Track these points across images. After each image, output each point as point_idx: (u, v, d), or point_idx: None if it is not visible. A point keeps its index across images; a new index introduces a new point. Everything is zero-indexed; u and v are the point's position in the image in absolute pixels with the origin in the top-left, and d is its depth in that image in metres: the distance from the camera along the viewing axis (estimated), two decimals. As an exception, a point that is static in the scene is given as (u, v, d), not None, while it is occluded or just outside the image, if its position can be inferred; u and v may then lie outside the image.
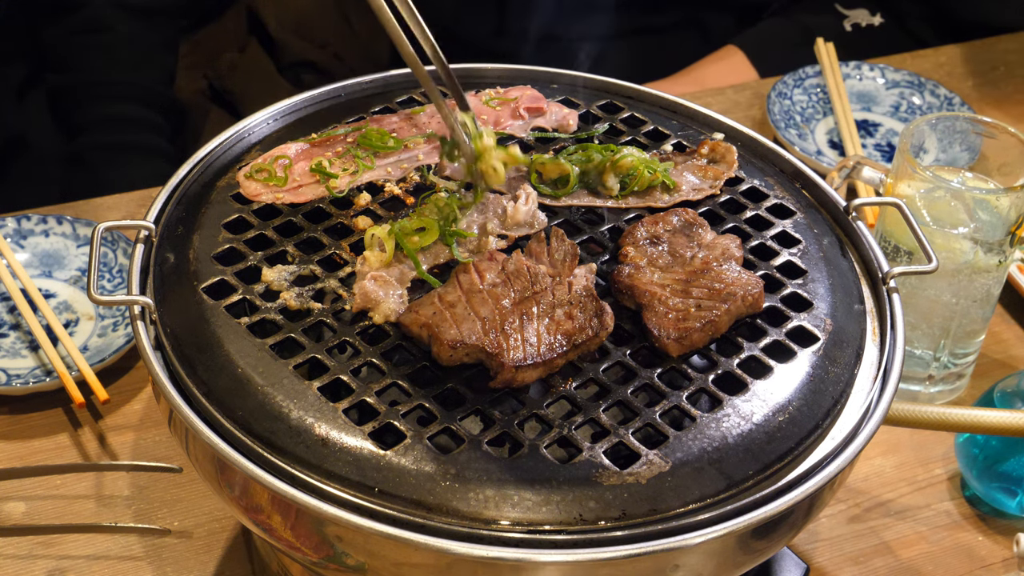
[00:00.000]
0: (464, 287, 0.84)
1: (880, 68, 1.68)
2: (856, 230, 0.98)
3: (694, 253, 0.90)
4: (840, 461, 0.81)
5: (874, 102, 1.66)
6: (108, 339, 1.22)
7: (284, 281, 0.88)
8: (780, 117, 1.58)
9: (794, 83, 1.65)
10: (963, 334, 1.20)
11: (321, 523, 0.76)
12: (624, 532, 0.74)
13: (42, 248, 1.31)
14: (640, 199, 0.96)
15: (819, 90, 1.65)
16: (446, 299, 0.83)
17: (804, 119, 1.61)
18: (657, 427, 0.80)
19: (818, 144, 1.58)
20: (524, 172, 0.98)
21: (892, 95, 1.66)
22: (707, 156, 1.01)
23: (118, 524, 1.03)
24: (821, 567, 1.09)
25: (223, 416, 0.79)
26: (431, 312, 0.82)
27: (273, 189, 0.95)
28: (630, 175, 0.96)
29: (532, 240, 0.89)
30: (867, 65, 1.68)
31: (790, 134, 1.56)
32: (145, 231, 0.92)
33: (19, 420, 1.17)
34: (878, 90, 1.67)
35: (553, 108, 1.06)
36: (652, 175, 0.96)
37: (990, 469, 1.12)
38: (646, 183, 0.96)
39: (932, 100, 1.64)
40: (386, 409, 0.79)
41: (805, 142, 1.56)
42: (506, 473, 0.76)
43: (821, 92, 1.65)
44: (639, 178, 0.96)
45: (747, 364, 0.85)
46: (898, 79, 1.67)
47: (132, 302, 0.86)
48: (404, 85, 1.10)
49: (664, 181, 0.97)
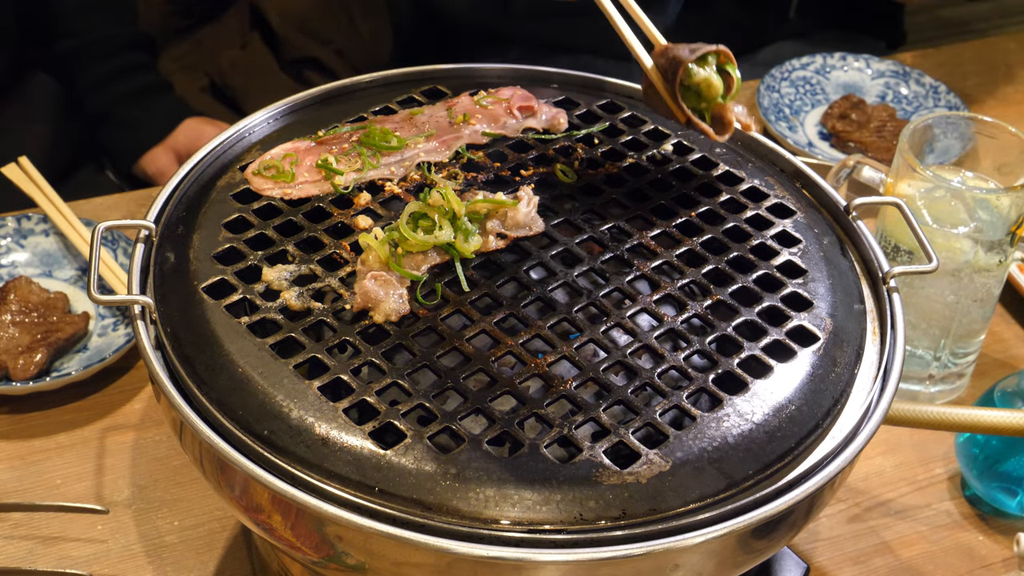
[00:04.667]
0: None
1: (865, 59, 1.70)
2: (856, 230, 0.98)
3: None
4: (840, 461, 0.81)
5: (861, 92, 1.67)
6: (108, 339, 1.22)
7: (284, 281, 0.88)
8: (770, 110, 1.59)
9: (781, 76, 1.66)
10: (963, 334, 1.20)
11: (321, 523, 0.76)
12: (624, 532, 0.74)
13: (42, 248, 1.31)
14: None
15: (806, 82, 1.66)
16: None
17: (793, 111, 1.62)
18: (657, 426, 0.80)
19: (808, 136, 1.59)
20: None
21: (878, 85, 1.68)
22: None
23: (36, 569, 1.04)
24: (821, 567, 1.09)
25: (223, 416, 0.79)
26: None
27: (281, 185, 0.95)
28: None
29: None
30: (852, 56, 1.70)
31: (781, 127, 1.57)
32: (145, 231, 0.92)
33: (19, 420, 1.17)
34: (864, 80, 1.68)
35: (543, 108, 1.06)
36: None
37: (990, 469, 1.12)
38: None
39: (918, 89, 1.66)
40: (386, 409, 0.79)
41: (796, 134, 1.58)
42: (506, 472, 0.76)
43: (808, 84, 1.66)
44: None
45: (747, 364, 0.85)
46: (883, 69, 1.69)
47: (132, 302, 0.86)
48: (404, 85, 1.10)
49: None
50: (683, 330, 0.87)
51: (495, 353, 0.83)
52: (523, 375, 0.82)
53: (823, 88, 1.68)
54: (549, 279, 0.89)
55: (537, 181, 0.98)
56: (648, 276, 0.91)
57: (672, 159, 1.03)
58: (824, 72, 1.69)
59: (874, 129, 1.57)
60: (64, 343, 1.20)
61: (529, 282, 0.89)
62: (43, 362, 1.17)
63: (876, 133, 1.56)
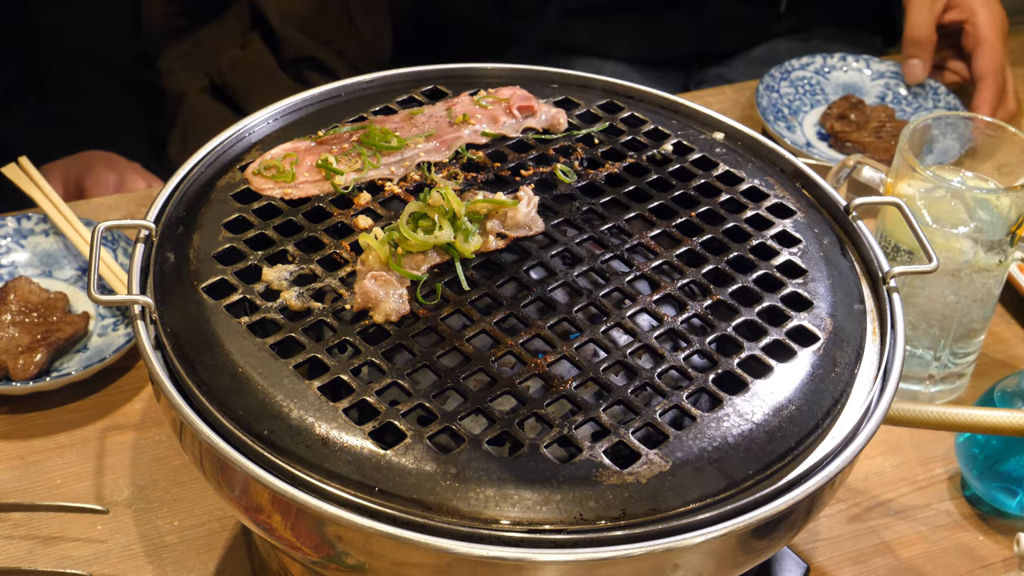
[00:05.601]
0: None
1: (865, 59, 1.70)
2: (856, 230, 0.98)
3: None
4: (840, 461, 0.81)
5: (861, 92, 1.67)
6: (108, 339, 1.22)
7: (284, 280, 0.88)
8: (769, 110, 1.59)
9: (780, 76, 1.66)
10: (963, 333, 1.20)
11: (321, 523, 0.76)
12: (624, 532, 0.74)
13: (42, 248, 1.31)
14: None
15: (805, 82, 1.66)
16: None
17: (792, 111, 1.62)
18: (657, 426, 0.80)
19: (807, 136, 1.59)
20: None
21: (877, 86, 1.68)
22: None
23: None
24: (821, 567, 1.09)
25: (223, 416, 0.79)
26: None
27: (281, 185, 0.95)
28: None
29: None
30: (852, 56, 1.70)
31: (779, 127, 1.57)
32: (145, 231, 0.92)
33: (19, 420, 1.17)
34: (864, 81, 1.69)
35: (543, 108, 1.06)
36: None
37: (990, 469, 1.12)
38: None
39: (917, 89, 1.66)
40: (386, 409, 0.79)
41: (794, 134, 1.58)
42: (506, 472, 0.76)
43: (807, 84, 1.66)
44: None
45: (747, 363, 0.85)
46: (883, 70, 1.69)
47: (132, 302, 0.86)
48: (404, 85, 1.10)
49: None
50: (683, 330, 0.87)
51: (495, 353, 0.83)
52: (523, 375, 0.82)
53: (822, 88, 1.68)
54: (549, 279, 0.89)
55: (537, 181, 0.98)
56: (648, 276, 0.91)
57: (672, 159, 1.03)
58: (823, 72, 1.69)
59: (873, 130, 1.57)
60: (64, 343, 1.20)
61: (529, 282, 0.89)
62: (43, 362, 1.17)
63: (875, 134, 1.56)
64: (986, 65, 1.58)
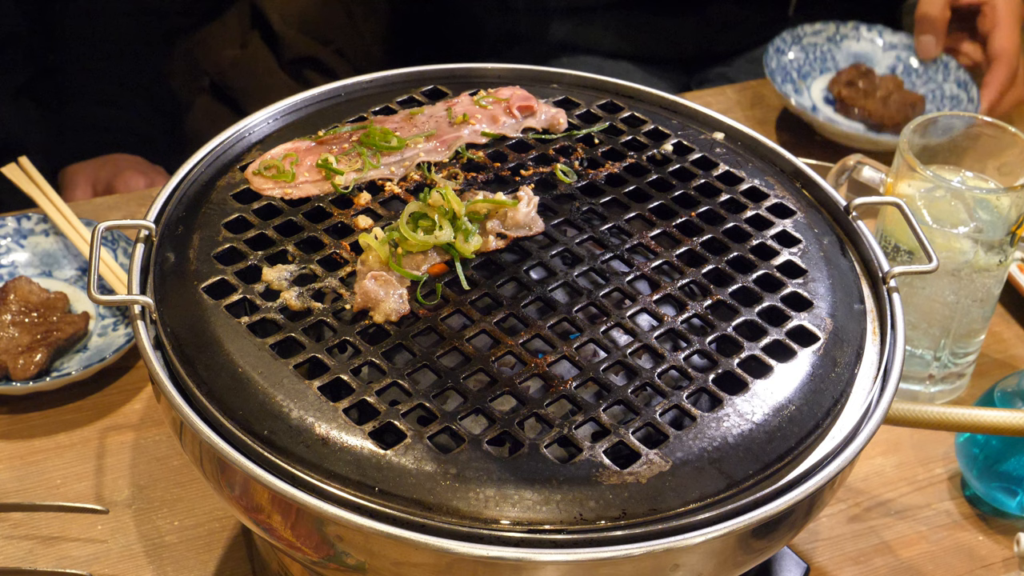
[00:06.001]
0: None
1: (878, 29, 1.70)
2: (856, 230, 0.98)
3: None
4: (840, 461, 0.81)
5: (871, 62, 1.67)
6: (108, 339, 1.22)
7: (284, 280, 0.88)
8: (777, 71, 1.59)
9: (792, 40, 1.66)
10: (963, 333, 1.20)
11: (321, 523, 0.76)
12: (624, 532, 0.74)
13: (42, 248, 1.31)
14: None
15: (816, 48, 1.66)
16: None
17: (801, 76, 1.62)
18: (657, 426, 0.80)
19: (813, 100, 1.60)
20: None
21: (889, 56, 1.68)
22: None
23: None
24: (821, 567, 1.09)
25: (223, 416, 0.79)
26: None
27: (281, 185, 0.95)
28: None
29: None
30: (865, 26, 1.70)
31: (786, 88, 1.58)
32: (145, 231, 0.92)
33: (19, 420, 1.17)
34: (875, 51, 1.68)
35: (543, 108, 1.06)
36: None
37: (990, 469, 1.12)
38: None
39: (928, 63, 1.66)
40: (386, 409, 0.79)
41: (801, 97, 1.58)
42: (506, 472, 0.76)
43: (818, 51, 1.66)
44: None
45: (747, 364, 0.85)
46: (895, 42, 1.69)
47: (132, 302, 0.86)
48: (404, 85, 1.10)
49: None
50: (683, 330, 0.87)
51: (495, 353, 0.83)
52: (523, 375, 0.82)
53: (833, 56, 1.67)
54: (549, 279, 0.89)
55: (537, 181, 0.99)
56: (648, 276, 0.91)
57: (672, 159, 1.03)
58: (836, 40, 1.68)
59: (880, 98, 1.57)
60: (64, 343, 1.20)
61: (529, 282, 0.89)
62: (43, 362, 1.17)
63: (882, 102, 1.56)
64: (1001, 46, 1.58)
